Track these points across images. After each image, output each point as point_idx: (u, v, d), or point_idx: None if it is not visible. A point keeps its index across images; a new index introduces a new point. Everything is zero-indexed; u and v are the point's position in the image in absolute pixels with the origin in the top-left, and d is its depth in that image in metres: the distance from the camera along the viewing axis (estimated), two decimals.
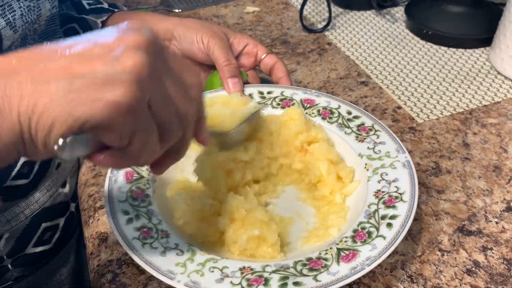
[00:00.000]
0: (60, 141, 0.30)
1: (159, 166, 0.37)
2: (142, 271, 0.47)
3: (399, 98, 0.69)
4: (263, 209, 0.47)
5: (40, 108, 0.29)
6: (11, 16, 0.50)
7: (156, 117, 0.32)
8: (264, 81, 0.67)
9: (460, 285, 0.46)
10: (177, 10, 0.93)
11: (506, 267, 0.47)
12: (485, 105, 0.68)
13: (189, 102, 0.34)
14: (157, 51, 0.32)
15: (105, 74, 0.29)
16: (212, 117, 0.53)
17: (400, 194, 0.47)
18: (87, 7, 0.66)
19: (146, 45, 0.31)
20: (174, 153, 0.36)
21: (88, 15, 0.65)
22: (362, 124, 0.55)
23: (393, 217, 0.45)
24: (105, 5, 0.67)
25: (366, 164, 0.51)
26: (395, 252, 0.48)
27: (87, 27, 0.65)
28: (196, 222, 0.48)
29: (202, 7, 0.94)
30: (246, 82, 0.63)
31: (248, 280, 0.41)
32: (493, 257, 0.48)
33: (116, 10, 0.66)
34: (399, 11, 0.90)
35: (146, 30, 0.32)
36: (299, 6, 0.85)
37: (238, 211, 0.46)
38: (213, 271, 0.42)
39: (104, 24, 0.65)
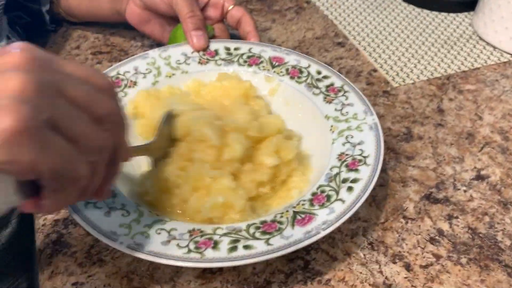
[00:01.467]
0: None
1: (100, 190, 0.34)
2: (89, 232, 0.44)
3: (376, 61, 0.66)
4: (229, 176, 0.44)
5: None
6: None
7: (67, 135, 0.28)
8: (235, 37, 0.63)
9: (422, 253, 0.44)
10: None
11: (470, 236, 0.45)
12: (463, 71, 0.65)
13: (104, 101, 0.30)
14: (44, 64, 0.28)
15: None
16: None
17: (364, 157, 0.44)
18: None
19: (26, 62, 0.27)
20: (112, 166, 0.33)
21: None
22: (332, 84, 0.52)
23: (354, 180, 0.43)
24: None
25: (332, 126, 0.49)
26: (357, 218, 0.46)
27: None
28: (156, 192, 0.44)
29: None
30: (212, 37, 0.59)
31: (196, 242, 0.39)
32: (458, 225, 0.46)
33: None
34: None
35: (30, 47, 0.28)
36: None
37: (202, 179, 0.43)
38: (160, 233, 0.40)
39: None
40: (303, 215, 0.41)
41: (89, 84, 0.30)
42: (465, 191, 0.49)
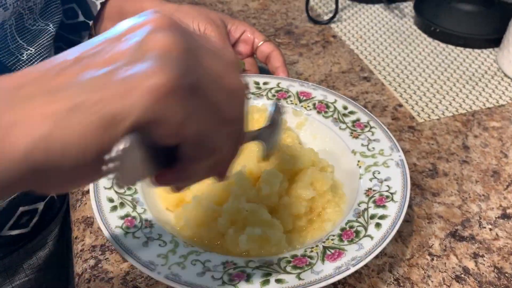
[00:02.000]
0: (107, 156, 0.25)
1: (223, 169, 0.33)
2: (125, 259, 0.46)
3: (401, 96, 0.68)
4: (265, 209, 0.45)
5: (63, 118, 0.24)
6: None
7: (206, 99, 0.27)
8: (264, 71, 0.66)
9: None
10: None
11: (496, 275, 0.46)
12: (488, 108, 0.66)
13: (235, 77, 0.30)
14: (184, 30, 0.28)
15: (131, 61, 0.25)
16: None
17: (391, 193, 0.46)
18: None
19: (169, 24, 0.27)
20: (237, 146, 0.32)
21: None
22: (358, 120, 0.54)
23: (382, 217, 0.44)
24: None
25: (358, 161, 0.50)
26: (383, 254, 0.47)
27: (87, 8, 0.64)
28: (195, 226, 0.45)
29: None
30: (243, 71, 0.61)
31: (230, 275, 0.41)
32: (484, 264, 0.47)
33: None
34: (408, 7, 0.88)
35: (161, 12, 0.28)
36: None
37: (238, 212, 0.45)
38: (195, 264, 0.41)
39: (103, 6, 0.64)
40: (332, 250, 0.42)
41: (221, 58, 0.29)
42: (490, 229, 0.50)
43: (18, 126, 0.24)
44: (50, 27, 0.59)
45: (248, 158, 0.49)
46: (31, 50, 0.56)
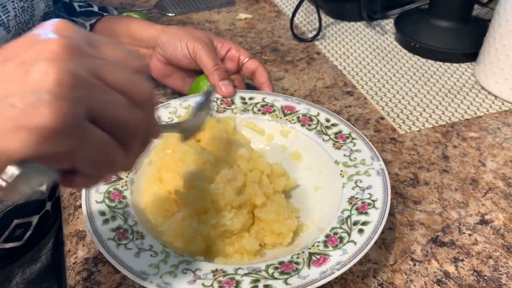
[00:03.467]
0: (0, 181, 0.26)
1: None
2: (117, 270, 0.48)
3: (383, 109, 0.70)
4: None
5: None
6: (5, 17, 0.51)
7: (104, 123, 0.28)
8: (251, 87, 0.68)
9: None
10: (170, 14, 0.94)
11: (476, 278, 0.48)
12: (467, 119, 0.69)
13: (142, 84, 0.30)
14: (81, 51, 0.27)
15: (21, 97, 0.25)
16: None
17: (373, 201, 0.48)
18: (78, 9, 0.67)
19: (65, 50, 0.27)
20: (142, 143, 0.32)
21: (78, 18, 0.66)
22: (340, 131, 0.56)
23: (365, 223, 0.46)
24: (95, 9, 0.68)
25: (341, 171, 0.52)
26: (367, 260, 0.49)
27: None
28: (181, 240, 0.47)
29: (195, 12, 0.95)
30: (234, 87, 0.64)
31: (219, 282, 0.42)
32: (464, 268, 0.49)
33: (105, 14, 0.67)
34: (389, 23, 0.91)
35: (67, 29, 0.28)
36: (291, 15, 0.86)
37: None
38: (185, 273, 0.43)
39: (92, 27, 0.66)
40: (318, 256, 0.44)
41: (127, 67, 0.29)
42: (470, 235, 0.52)
43: None
44: None
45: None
46: None
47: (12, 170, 0.26)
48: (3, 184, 0.26)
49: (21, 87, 0.25)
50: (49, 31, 0.28)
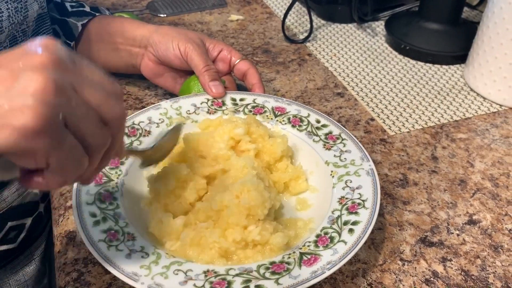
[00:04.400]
0: None
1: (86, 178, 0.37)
2: (107, 271, 0.47)
3: (373, 111, 0.71)
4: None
5: None
6: None
7: (76, 132, 0.31)
8: (242, 88, 0.68)
9: None
10: (162, 15, 0.94)
11: (463, 278, 0.49)
12: (456, 120, 0.70)
13: (114, 106, 0.34)
14: (64, 65, 0.31)
15: (8, 99, 0.29)
16: None
17: (363, 201, 0.48)
18: (70, 9, 0.67)
19: (51, 63, 0.30)
20: (104, 159, 0.36)
21: (70, 18, 0.66)
22: (330, 132, 0.57)
23: (355, 223, 0.46)
24: (87, 9, 0.68)
25: (332, 172, 0.53)
26: (357, 260, 0.50)
27: (68, 30, 0.66)
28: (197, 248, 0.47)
29: (187, 13, 0.95)
30: (224, 88, 0.64)
31: (211, 283, 0.42)
32: (452, 268, 0.49)
33: (97, 14, 0.67)
34: (379, 26, 0.92)
35: (54, 46, 0.31)
36: (283, 17, 0.86)
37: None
38: (177, 274, 0.43)
39: (84, 27, 0.66)
40: (309, 256, 0.44)
41: (103, 89, 0.33)
42: (458, 235, 0.53)
43: None
44: None
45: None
46: None
47: None
48: None
49: (9, 91, 0.29)
50: (38, 46, 0.31)
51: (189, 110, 0.61)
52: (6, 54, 0.31)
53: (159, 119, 0.59)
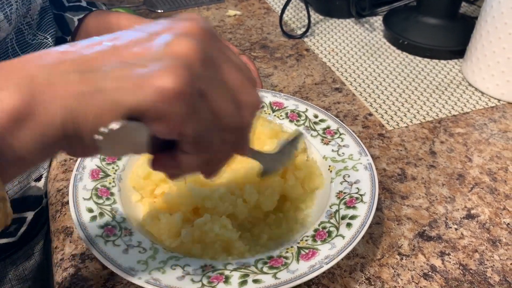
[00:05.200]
0: (102, 129, 0.28)
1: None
2: (104, 267, 0.47)
3: (371, 105, 0.71)
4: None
5: (86, 97, 0.27)
6: (9, 10, 0.52)
7: (212, 108, 0.30)
8: None
9: None
10: (159, 11, 0.94)
11: (462, 272, 0.48)
12: (454, 115, 0.69)
13: (251, 92, 0.32)
14: (212, 38, 0.31)
15: (154, 59, 0.28)
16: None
17: (360, 195, 0.48)
18: (66, 4, 0.67)
19: (199, 32, 0.30)
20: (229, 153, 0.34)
21: (66, 12, 0.66)
22: (328, 127, 0.57)
23: (353, 217, 0.46)
24: (84, 3, 0.67)
25: (330, 166, 0.53)
26: (355, 254, 0.49)
27: (64, 24, 0.66)
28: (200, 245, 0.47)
29: (184, 8, 0.95)
30: None
31: (209, 277, 0.42)
32: (450, 262, 0.49)
33: (94, 9, 0.67)
34: (377, 21, 0.92)
35: (199, 19, 0.31)
36: (280, 12, 0.86)
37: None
38: (174, 269, 0.43)
39: (80, 22, 0.65)
40: (307, 250, 0.44)
41: (242, 72, 0.32)
42: (456, 229, 0.53)
43: (56, 101, 0.28)
44: (48, 40, 0.62)
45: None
46: None
47: (113, 125, 0.28)
48: (100, 137, 0.28)
49: (155, 52, 0.28)
50: (185, 18, 0.31)
51: None
52: (149, 24, 0.31)
53: None
